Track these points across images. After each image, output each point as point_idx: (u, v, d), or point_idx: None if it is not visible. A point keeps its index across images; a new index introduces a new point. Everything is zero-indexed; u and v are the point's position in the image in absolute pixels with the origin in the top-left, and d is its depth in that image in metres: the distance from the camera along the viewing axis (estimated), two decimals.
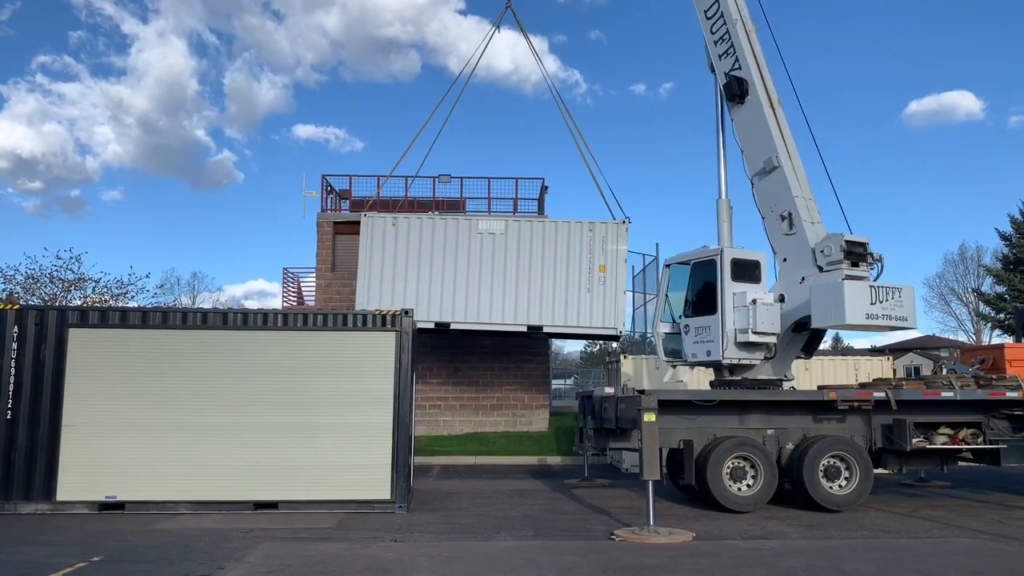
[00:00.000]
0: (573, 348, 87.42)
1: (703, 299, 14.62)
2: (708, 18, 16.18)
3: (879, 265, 13.91)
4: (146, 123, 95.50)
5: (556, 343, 57.54)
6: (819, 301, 13.49)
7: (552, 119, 72.58)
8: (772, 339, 14.01)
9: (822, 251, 13.85)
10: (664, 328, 15.60)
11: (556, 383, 41.82)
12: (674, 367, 15.77)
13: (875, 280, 13.74)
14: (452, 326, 20.61)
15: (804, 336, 14.33)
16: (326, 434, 12.39)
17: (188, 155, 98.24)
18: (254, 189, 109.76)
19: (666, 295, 15.59)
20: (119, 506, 12.03)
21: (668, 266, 15.69)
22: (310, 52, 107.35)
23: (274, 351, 12.61)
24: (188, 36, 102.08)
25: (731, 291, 14.06)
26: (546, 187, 27.81)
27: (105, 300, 28.08)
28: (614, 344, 27.62)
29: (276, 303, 42.07)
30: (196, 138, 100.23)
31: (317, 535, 10.45)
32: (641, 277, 26.73)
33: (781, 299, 14.22)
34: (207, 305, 54.76)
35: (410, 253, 20.57)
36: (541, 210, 27.56)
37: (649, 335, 22.62)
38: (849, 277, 13.34)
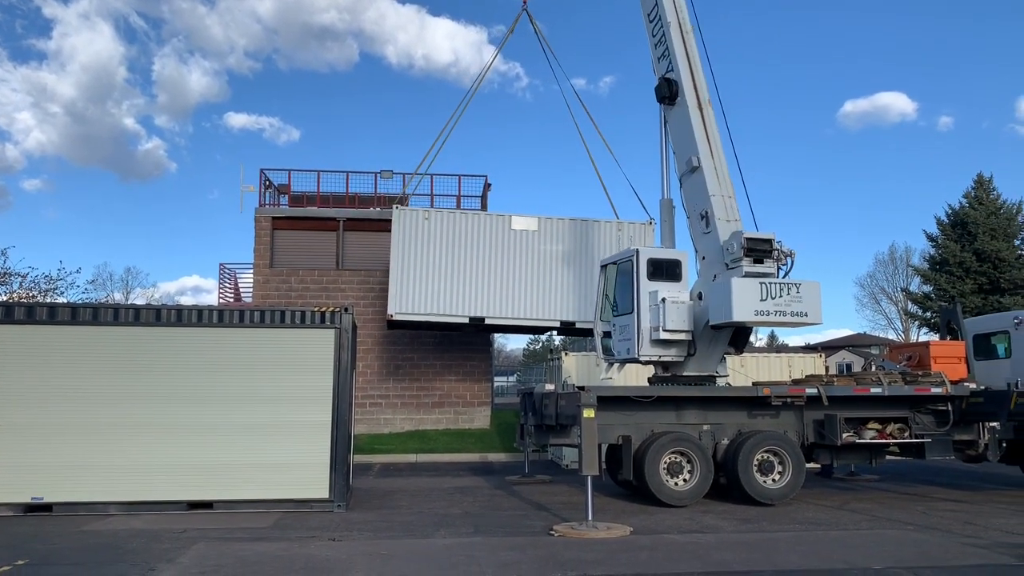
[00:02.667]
0: (516, 345, 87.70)
1: (624, 298, 14.98)
2: (650, 21, 16.37)
3: (790, 261, 14.09)
4: (71, 110, 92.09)
5: (499, 339, 57.70)
6: (714, 299, 13.85)
7: (493, 113, 72.57)
8: (684, 336, 14.20)
9: (727, 249, 14.10)
10: (601, 327, 15.83)
11: (499, 380, 41.93)
12: (611, 365, 15.95)
13: (784, 276, 13.97)
14: (487, 321, 20.93)
15: (727, 332, 14.48)
16: (263, 432, 12.19)
17: (117, 145, 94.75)
18: (188, 181, 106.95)
19: (605, 295, 15.81)
20: (46, 508, 11.66)
21: (604, 267, 15.90)
22: (243, 38, 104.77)
23: (209, 349, 12.36)
24: (114, 19, 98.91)
25: (647, 290, 14.37)
26: (489, 185, 27.84)
27: (32, 296, 27.13)
28: (556, 341, 27.92)
29: (212, 300, 41.24)
30: (125, 127, 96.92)
31: (253, 535, 10.28)
32: None
33: (700, 296, 14.49)
34: (140, 302, 53.38)
35: (442, 247, 20.74)
36: (484, 207, 27.55)
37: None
38: (749, 274, 13.57)
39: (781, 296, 13.35)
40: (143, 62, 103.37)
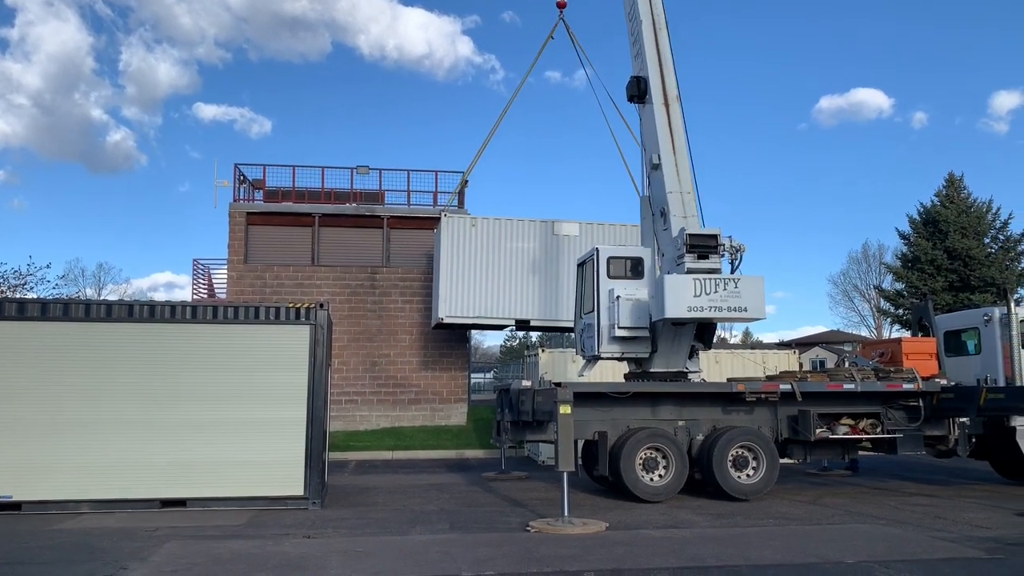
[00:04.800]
0: (493, 342, 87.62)
1: (588, 296, 15.12)
2: (630, 20, 16.40)
3: (740, 256, 14.11)
4: (38, 101, 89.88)
5: (476, 335, 57.65)
6: (655, 295, 13.97)
7: (468, 108, 72.20)
8: (641, 333, 14.26)
9: (675, 245, 14.20)
10: (579, 325, 15.92)
11: (476, 377, 41.87)
12: (586, 361, 16.02)
13: (733, 271, 14.03)
14: (532, 323, 21.45)
15: (690, 328, 14.45)
16: (237, 430, 12.09)
17: (85, 136, 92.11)
18: (159, 174, 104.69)
19: (579, 294, 15.93)
20: (15, 507, 11.49)
21: (579, 266, 15.97)
22: (213, 27, 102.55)
23: (182, 345, 12.24)
24: (80, 7, 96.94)
25: (606, 288, 14.48)
26: (466, 181, 27.78)
27: (1, 292, 26.71)
28: (533, 338, 28.13)
29: (186, 296, 40.80)
30: (93, 118, 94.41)
31: (227, 532, 10.20)
32: None
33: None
34: (113, 298, 52.72)
35: (489, 253, 21.29)
36: (461, 204, 27.50)
37: None
38: (692, 270, 13.63)
39: (717, 291, 13.32)
40: (111, 52, 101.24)
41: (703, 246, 13.85)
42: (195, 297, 27.17)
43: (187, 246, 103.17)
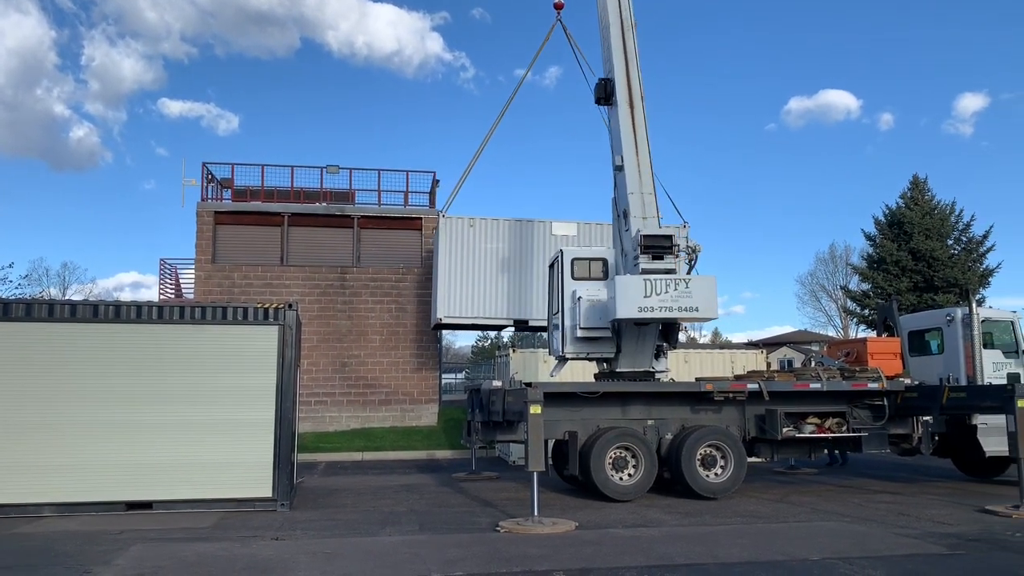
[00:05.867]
0: (465, 342, 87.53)
1: (555, 297, 15.21)
2: (600, 21, 16.43)
3: (697, 256, 14.31)
4: None
5: (447, 336, 57.56)
6: (610, 296, 14.07)
7: (438, 106, 71.81)
8: (603, 333, 14.36)
9: (633, 246, 14.31)
10: (550, 325, 15.97)
11: (447, 377, 41.75)
12: (557, 361, 16.07)
13: (689, 271, 14.19)
14: (530, 323, 21.28)
15: (653, 328, 14.52)
16: (205, 431, 11.95)
17: (48, 133, 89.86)
18: (124, 171, 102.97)
19: (551, 295, 15.97)
20: None
21: (550, 267, 16.02)
22: (178, 22, 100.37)
23: (149, 345, 12.07)
24: (41, 1, 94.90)
25: (570, 289, 14.58)
26: (438, 181, 27.75)
27: None
28: (505, 338, 28.05)
29: (152, 296, 40.24)
30: (56, 114, 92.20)
31: (193, 535, 10.08)
32: None
33: None
34: (78, 298, 51.89)
35: (486, 253, 21.20)
36: (433, 204, 27.46)
37: None
38: (646, 271, 13.74)
39: (668, 292, 13.37)
40: (73, 46, 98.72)
41: (658, 247, 13.97)
42: (162, 297, 26.82)
43: (154, 246, 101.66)
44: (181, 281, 27.60)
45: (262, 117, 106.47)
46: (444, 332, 29.72)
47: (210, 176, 26.85)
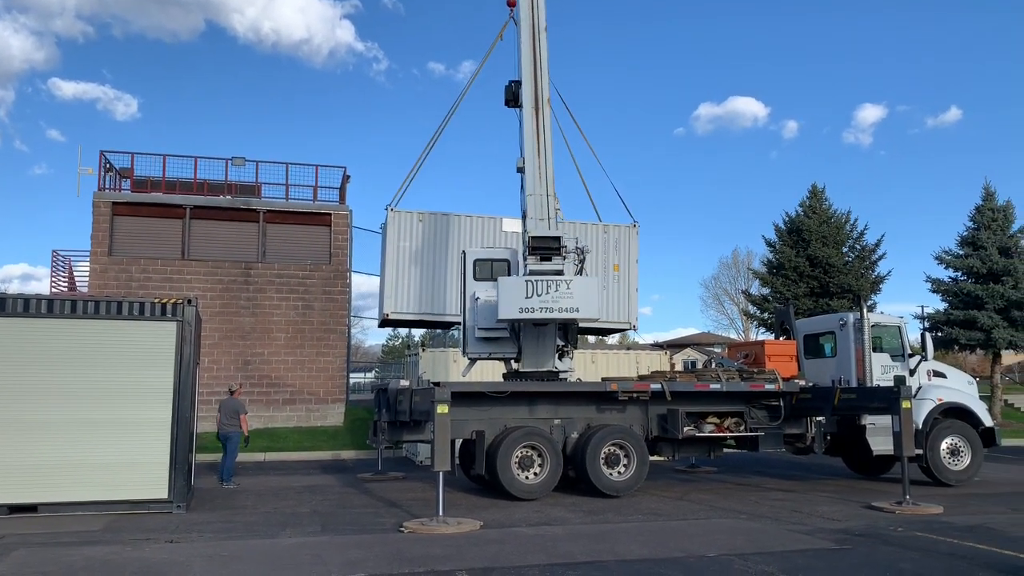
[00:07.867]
0: (375, 341, 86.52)
1: (462, 298, 15.21)
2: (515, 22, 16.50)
3: (584, 257, 14.53)
4: None
5: (357, 334, 56.81)
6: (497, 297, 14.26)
7: (349, 97, 70.24)
8: (501, 334, 14.47)
9: (523, 247, 14.52)
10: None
11: (355, 376, 41.18)
12: (470, 361, 16.05)
13: (578, 272, 14.38)
14: None
15: (552, 328, 14.59)
16: (96, 430, 11.44)
17: None
18: (11, 155, 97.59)
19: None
20: None
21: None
22: None
23: (37, 341, 11.47)
24: None
25: (471, 290, 14.69)
26: (348, 176, 27.33)
27: None
28: (416, 337, 27.77)
29: (43, 290, 38.31)
30: None
31: (82, 539, 9.63)
32: None
33: None
34: None
35: (435, 248, 20.44)
36: (343, 199, 27.04)
37: None
38: (533, 272, 13.96)
39: (549, 292, 13.51)
40: None
41: (545, 248, 14.13)
42: (54, 291, 25.56)
43: (45, 236, 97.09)
44: (75, 274, 26.37)
45: (164, 103, 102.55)
46: (353, 331, 29.31)
47: (108, 165, 25.72)
